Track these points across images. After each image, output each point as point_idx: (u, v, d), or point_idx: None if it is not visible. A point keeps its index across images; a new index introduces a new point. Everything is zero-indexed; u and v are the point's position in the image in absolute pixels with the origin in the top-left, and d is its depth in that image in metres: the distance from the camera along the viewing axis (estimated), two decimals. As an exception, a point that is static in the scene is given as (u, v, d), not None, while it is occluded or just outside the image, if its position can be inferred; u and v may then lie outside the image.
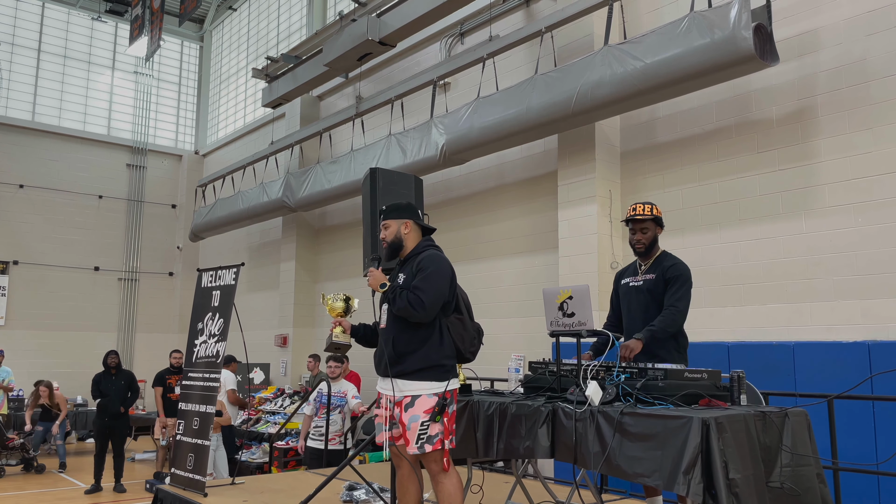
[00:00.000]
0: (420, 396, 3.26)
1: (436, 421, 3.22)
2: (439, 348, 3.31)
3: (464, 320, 3.43)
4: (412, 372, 3.29)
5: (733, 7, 5.84)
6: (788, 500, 2.82)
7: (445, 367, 3.32)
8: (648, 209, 4.03)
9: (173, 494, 5.13)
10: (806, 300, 6.31)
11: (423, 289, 3.25)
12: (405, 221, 3.52)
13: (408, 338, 3.32)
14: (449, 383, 3.31)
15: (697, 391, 3.07)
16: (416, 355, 3.30)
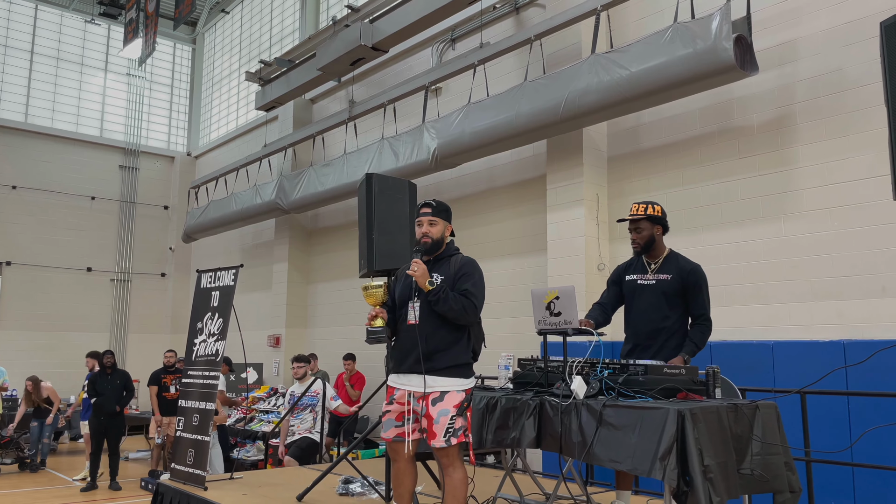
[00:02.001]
0: (449, 392, 3.39)
1: (461, 415, 3.37)
2: (466, 349, 3.52)
3: (480, 324, 3.63)
4: (443, 368, 3.42)
5: (714, 19, 6.08)
6: (758, 486, 3.03)
7: (470, 366, 3.53)
8: (642, 208, 4.19)
9: (174, 489, 5.29)
10: (784, 301, 6.55)
11: (476, 294, 3.45)
12: (449, 225, 3.67)
13: (442, 336, 3.45)
14: (471, 381, 3.52)
15: (675, 385, 3.28)
16: (448, 353, 3.44)
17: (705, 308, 4.02)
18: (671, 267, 4.09)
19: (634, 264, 4.26)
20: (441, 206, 3.65)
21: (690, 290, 4.02)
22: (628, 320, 4.19)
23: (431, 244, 3.58)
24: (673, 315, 4.01)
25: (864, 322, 6.02)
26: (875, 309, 5.97)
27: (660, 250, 4.18)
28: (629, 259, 4.36)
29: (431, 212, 3.59)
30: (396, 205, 4.79)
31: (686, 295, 4.03)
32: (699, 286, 4.03)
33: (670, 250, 4.22)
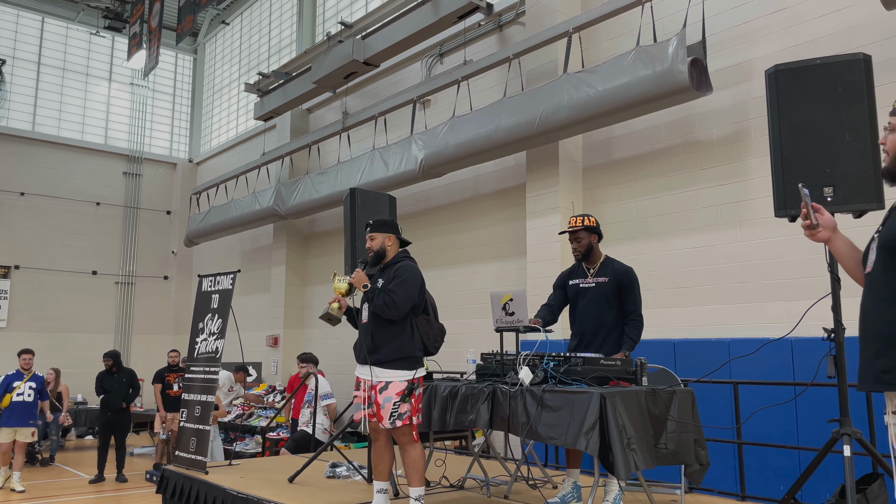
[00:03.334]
0: (392, 382, 3.96)
1: (405, 402, 3.92)
2: (410, 342, 4.02)
3: (430, 321, 4.14)
4: (387, 361, 4.00)
5: (672, 43, 6.63)
6: (671, 459, 3.59)
7: (415, 358, 4.03)
8: (580, 221, 4.77)
9: (178, 473, 5.85)
10: (740, 301, 7.10)
11: (397, 292, 3.97)
12: (389, 235, 4.24)
13: (384, 332, 4.03)
14: (416, 371, 4.03)
15: (607, 374, 3.83)
16: (390, 347, 4.00)
17: (637, 305, 4.57)
18: (607, 270, 4.66)
19: (576, 270, 4.83)
20: (379, 223, 4.27)
21: (624, 289, 4.59)
22: (573, 319, 4.75)
23: (374, 256, 4.20)
24: (611, 313, 4.57)
25: (809, 320, 6.55)
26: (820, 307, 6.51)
27: (597, 256, 4.75)
28: (571, 266, 4.93)
29: (370, 230, 4.25)
30: (377, 216, 5.33)
31: (620, 294, 4.59)
32: (631, 286, 4.59)
33: (606, 256, 4.79)
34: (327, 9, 14.11)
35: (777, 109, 3.18)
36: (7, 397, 9.04)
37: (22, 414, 9.11)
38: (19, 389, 9.13)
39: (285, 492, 4.90)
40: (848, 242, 2.61)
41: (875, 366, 2.29)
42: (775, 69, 3.22)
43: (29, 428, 9.20)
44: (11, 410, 9.06)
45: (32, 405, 9.24)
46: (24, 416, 9.13)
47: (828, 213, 2.59)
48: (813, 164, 3.09)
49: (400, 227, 4.38)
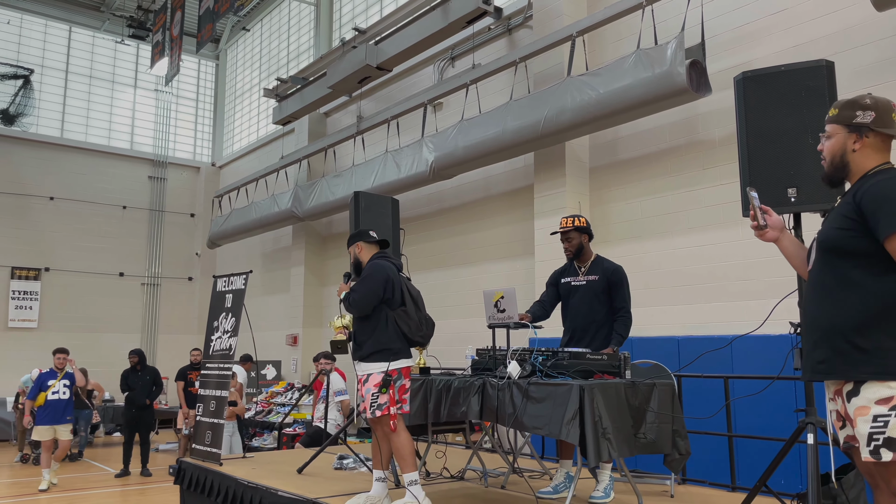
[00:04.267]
0: (372, 374, 4.18)
1: (383, 392, 4.12)
2: (385, 335, 4.20)
3: (407, 311, 4.29)
4: (367, 355, 4.23)
5: (670, 46, 6.77)
6: (651, 448, 3.76)
7: (392, 350, 4.20)
8: (571, 222, 4.95)
9: (194, 465, 6.13)
10: (742, 299, 7.21)
11: (356, 290, 4.23)
12: (356, 244, 4.51)
13: (362, 329, 4.28)
14: (393, 363, 4.17)
15: (591, 368, 4.01)
16: (369, 342, 4.23)
17: (626, 302, 4.74)
18: (598, 269, 4.83)
19: (567, 268, 5.01)
20: (349, 238, 4.56)
21: (613, 287, 4.75)
22: (565, 315, 4.93)
23: (353, 267, 4.51)
24: (602, 310, 4.74)
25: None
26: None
27: (588, 255, 4.93)
28: (563, 265, 5.11)
29: (347, 245, 4.55)
30: (380, 218, 5.56)
31: (610, 292, 4.76)
32: (621, 284, 4.76)
33: (596, 255, 4.96)
34: (343, 14, 14.39)
35: (745, 114, 3.33)
36: (42, 395, 9.31)
37: (57, 411, 9.32)
38: (54, 388, 9.36)
39: (293, 482, 5.15)
40: (795, 242, 2.77)
41: (812, 357, 2.45)
42: (743, 76, 3.38)
43: (66, 425, 9.42)
44: (47, 408, 9.28)
45: (67, 402, 9.45)
46: (59, 413, 9.33)
47: (776, 215, 2.75)
48: (778, 166, 3.24)
49: (368, 231, 4.57)
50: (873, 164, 2.49)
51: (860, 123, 2.48)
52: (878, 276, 2.32)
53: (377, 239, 4.53)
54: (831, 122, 2.56)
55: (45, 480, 9.17)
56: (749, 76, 3.36)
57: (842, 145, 2.52)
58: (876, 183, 2.38)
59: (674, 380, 4.46)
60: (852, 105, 2.51)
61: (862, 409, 2.28)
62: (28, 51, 16.86)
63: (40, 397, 9.30)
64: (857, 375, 2.30)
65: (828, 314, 2.41)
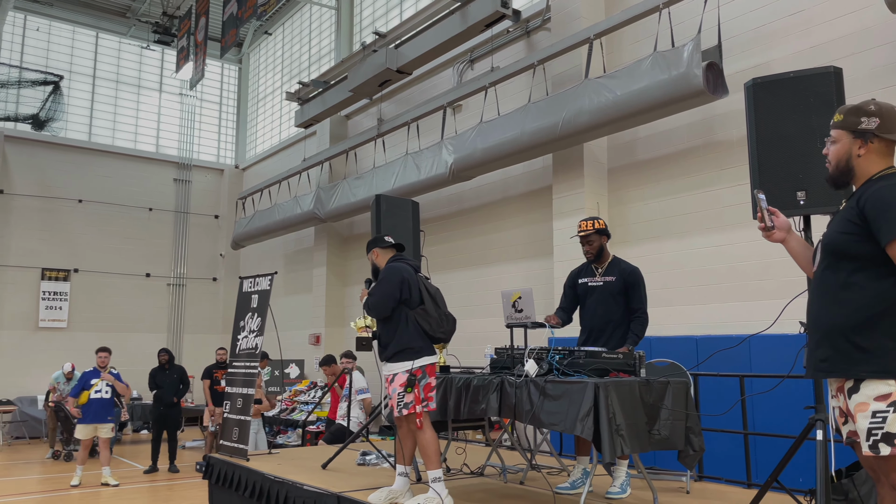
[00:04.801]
0: (397, 374, 4.32)
1: (408, 392, 4.26)
2: (406, 335, 4.34)
3: (426, 310, 4.40)
4: (391, 356, 4.37)
5: (686, 48, 6.85)
6: (665, 444, 3.86)
7: (414, 349, 4.32)
8: (591, 225, 5.05)
9: (222, 460, 6.32)
10: (760, 298, 7.26)
11: (373, 293, 4.39)
12: (373, 251, 4.68)
13: (385, 330, 4.43)
14: (417, 362, 4.29)
15: (607, 366, 4.12)
16: (392, 343, 4.37)
17: (642, 303, 4.84)
18: (615, 270, 4.93)
19: (584, 269, 5.11)
20: (367, 245, 4.71)
21: (630, 288, 4.85)
22: (582, 316, 5.04)
23: (372, 273, 4.67)
24: (618, 310, 4.85)
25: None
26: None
27: (606, 256, 5.03)
28: (580, 265, 5.21)
29: (366, 252, 4.72)
30: (401, 221, 5.71)
31: (627, 292, 4.86)
32: (637, 285, 4.86)
33: (613, 256, 5.06)
34: (363, 18, 14.58)
35: (754, 120, 3.42)
36: (85, 394, 9.46)
37: (100, 410, 9.47)
38: (97, 387, 9.52)
39: (318, 477, 5.31)
40: (802, 242, 2.87)
41: (815, 355, 2.56)
42: (753, 83, 3.47)
43: (108, 424, 9.58)
44: (90, 407, 9.44)
45: (109, 402, 9.60)
46: (102, 412, 9.49)
47: (783, 216, 2.85)
48: (787, 170, 3.33)
49: (383, 237, 4.71)
50: (877, 169, 2.57)
51: (865, 129, 2.57)
52: (879, 279, 2.42)
53: (392, 243, 4.66)
54: (836, 127, 2.65)
55: (77, 476, 9.41)
56: (759, 83, 3.45)
57: (847, 150, 2.61)
58: (879, 188, 2.47)
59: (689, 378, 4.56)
60: (857, 111, 2.59)
61: (861, 405, 2.38)
62: (57, 57, 17.27)
63: (83, 395, 9.47)
64: (857, 373, 2.40)
65: (830, 314, 2.51)
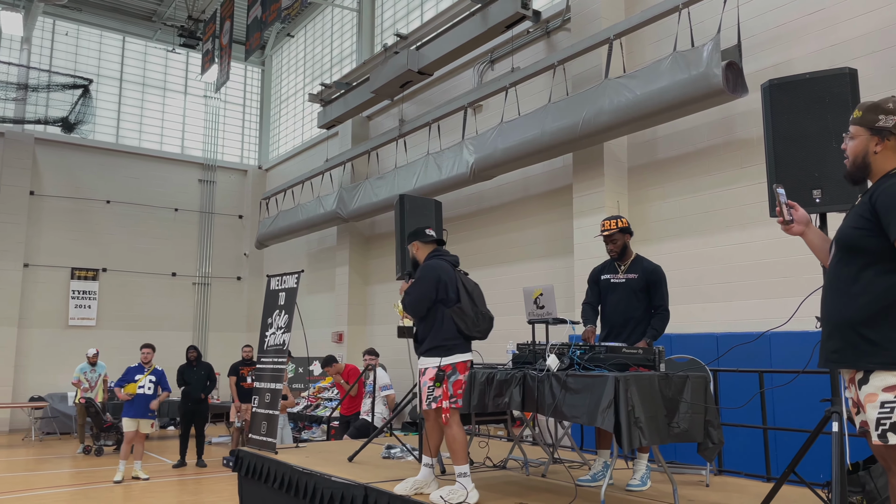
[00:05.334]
0: (428, 368, 4.43)
1: (437, 386, 4.35)
2: (440, 332, 4.43)
3: (462, 308, 4.45)
4: (424, 351, 4.48)
5: (706, 48, 6.91)
6: (684, 437, 3.96)
7: (446, 347, 4.41)
8: (614, 224, 5.15)
9: (251, 453, 6.50)
10: (781, 296, 7.30)
11: (409, 293, 4.49)
12: (413, 243, 4.77)
13: (422, 327, 4.52)
14: (447, 358, 4.36)
15: (627, 361, 4.23)
16: (427, 339, 4.47)
17: (664, 300, 4.93)
18: (637, 267, 5.03)
19: (607, 266, 5.21)
20: (407, 235, 4.79)
21: (652, 286, 4.94)
22: (603, 312, 5.14)
23: (412, 265, 4.77)
24: (640, 307, 4.94)
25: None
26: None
27: (628, 254, 5.13)
28: (603, 262, 5.31)
29: (408, 242, 4.80)
30: (424, 220, 5.82)
31: (649, 290, 4.95)
32: (659, 282, 4.95)
33: (636, 254, 5.15)
34: (385, 20, 14.74)
35: (771, 120, 3.51)
36: (132, 386, 9.65)
37: (143, 406, 9.67)
38: (141, 382, 9.72)
39: (345, 469, 5.46)
40: (821, 235, 2.95)
41: (827, 346, 2.65)
42: (769, 84, 3.55)
43: (149, 420, 9.77)
44: (134, 402, 9.64)
45: (152, 398, 9.77)
46: (144, 407, 9.68)
47: (802, 210, 2.93)
48: (803, 168, 3.41)
49: (425, 230, 4.76)
50: (893, 166, 2.66)
51: (882, 127, 2.65)
52: (888, 274, 2.51)
53: (434, 238, 4.70)
54: (855, 123, 2.74)
55: (120, 472, 9.51)
56: (775, 84, 3.53)
57: (864, 147, 2.69)
58: (891, 185, 2.55)
59: (709, 373, 4.64)
60: (875, 109, 2.67)
61: (871, 395, 2.47)
62: (85, 61, 17.64)
63: (131, 387, 9.64)
64: (866, 365, 2.49)
65: (840, 307, 2.60)
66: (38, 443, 13.82)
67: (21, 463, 11.29)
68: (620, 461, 5.52)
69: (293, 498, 5.57)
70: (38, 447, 13.19)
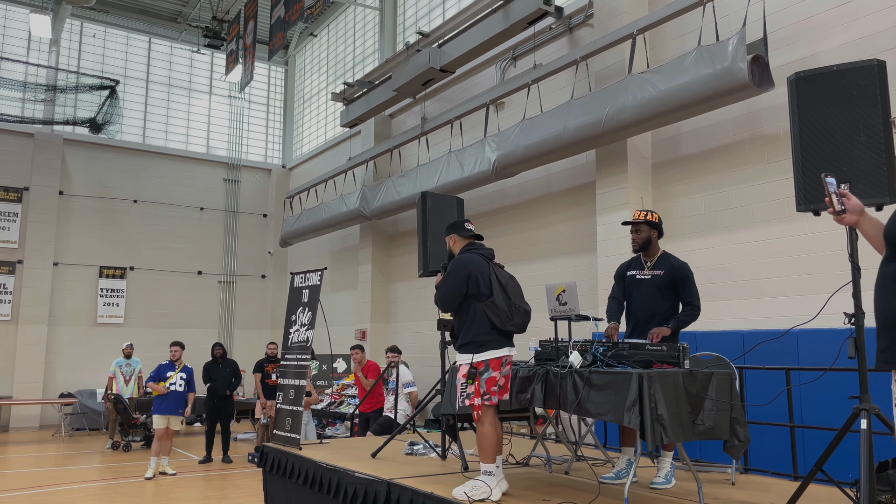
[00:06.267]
0: (462, 364, 4.38)
1: (470, 383, 4.28)
2: (472, 328, 4.35)
3: (495, 303, 4.32)
4: (459, 347, 4.43)
5: (731, 42, 6.83)
6: (709, 434, 3.91)
7: (478, 343, 4.31)
8: (642, 215, 5.10)
9: (276, 449, 6.56)
10: (808, 293, 7.20)
11: (440, 288, 4.44)
12: (450, 236, 4.72)
13: (458, 322, 4.47)
14: (479, 355, 4.27)
15: (650, 358, 4.20)
16: (461, 335, 4.43)
17: (692, 296, 4.87)
18: (663, 264, 4.97)
19: (634, 262, 5.17)
20: (446, 227, 4.73)
21: (680, 282, 4.89)
22: (629, 308, 5.09)
23: (448, 257, 4.70)
24: (665, 303, 4.90)
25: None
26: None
27: (655, 250, 5.06)
28: (631, 258, 5.27)
29: (445, 234, 4.73)
30: (446, 217, 5.83)
31: (676, 287, 4.91)
32: (686, 278, 4.89)
33: (664, 251, 5.09)
34: (407, 18, 14.77)
35: (797, 113, 3.46)
36: (163, 384, 9.79)
37: (173, 403, 9.78)
38: (172, 379, 9.83)
39: (368, 465, 5.49)
40: (877, 224, 2.85)
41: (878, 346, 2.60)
42: (796, 76, 3.50)
43: (178, 417, 9.88)
44: (164, 398, 9.75)
45: (182, 395, 9.88)
46: (175, 404, 9.79)
47: (854, 198, 2.86)
48: (831, 162, 3.36)
49: (464, 223, 4.69)
50: None
51: None
52: None
53: (472, 232, 4.63)
54: None
55: (151, 469, 9.60)
56: (802, 76, 3.48)
57: None
58: None
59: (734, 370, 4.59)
60: None
61: None
62: (112, 62, 17.90)
63: (162, 384, 9.74)
64: None
65: (887, 305, 2.55)
66: (68, 439, 14.07)
67: (51, 458, 11.51)
68: (645, 459, 5.49)
69: (317, 493, 5.61)
70: (67, 443, 13.43)
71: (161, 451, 9.80)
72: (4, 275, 15.87)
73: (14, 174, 16.23)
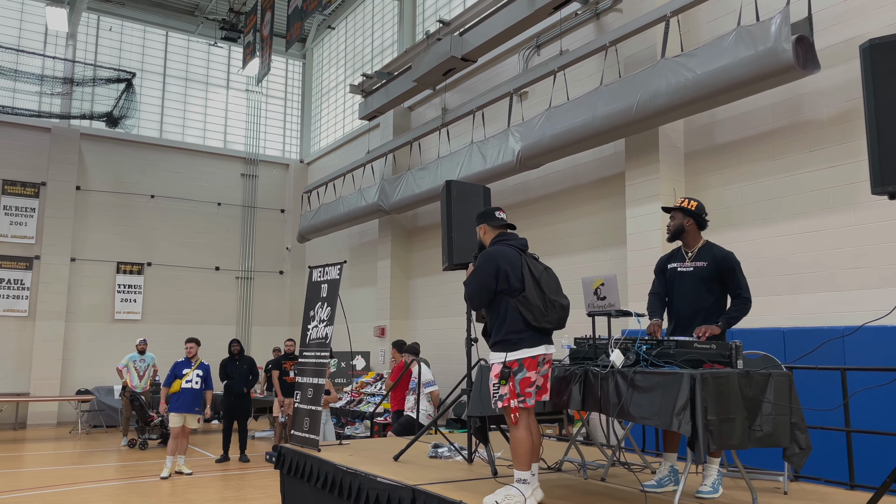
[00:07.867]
0: (494, 364, 4.07)
1: (503, 384, 3.96)
2: (504, 325, 4.04)
3: (527, 297, 4.00)
4: (492, 345, 4.12)
5: (774, 21, 6.43)
6: (767, 441, 3.56)
7: (511, 341, 4.00)
8: (680, 202, 4.75)
9: (293, 450, 6.28)
10: (854, 288, 6.79)
11: (467, 284, 4.14)
12: (480, 226, 4.42)
13: (490, 318, 4.17)
14: (512, 354, 3.95)
15: (700, 357, 3.84)
16: (494, 332, 4.12)
17: (741, 288, 4.48)
18: (706, 255, 4.60)
19: (675, 254, 4.80)
20: (477, 215, 4.46)
21: (725, 274, 4.51)
22: (671, 303, 4.72)
23: (479, 246, 4.42)
24: (710, 297, 4.52)
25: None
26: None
27: (695, 240, 4.68)
28: (671, 250, 4.90)
29: (476, 223, 4.45)
30: (472, 207, 5.51)
31: (721, 279, 4.53)
32: (733, 269, 4.51)
33: (706, 241, 4.71)
34: (427, 7, 14.44)
35: (872, 85, 3.10)
36: (178, 382, 9.53)
37: (190, 400, 9.55)
38: (188, 377, 9.62)
39: (390, 468, 5.19)
40: None
41: None
42: (870, 44, 3.14)
43: (195, 415, 9.64)
44: (181, 396, 9.52)
45: (199, 392, 9.66)
46: (191, 402, 9.56)
47: None
48: (912, 139, 2.99)
49: (495, 212, 4.39)
50: None
51: None
52: None
53: (504, 221, 4.34)
54: None
55: (167, 468, 9.39)
56: (877, 43, 3.11)
57: None
58: None
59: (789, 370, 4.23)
60: None
61: None
62: (128, 56, 17.75)
63: (176, 384, 9.55)
64: None
65: None
66: (85, 436, 13.93)
67: (67, 456, 11.35)
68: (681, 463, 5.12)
69: (336, 498, 5.32)
70: (84, 440, 13.29)
71: (177, 449, 9.58)
72: (22, 270, 15.76)
73: (31, 169, 16.12)
